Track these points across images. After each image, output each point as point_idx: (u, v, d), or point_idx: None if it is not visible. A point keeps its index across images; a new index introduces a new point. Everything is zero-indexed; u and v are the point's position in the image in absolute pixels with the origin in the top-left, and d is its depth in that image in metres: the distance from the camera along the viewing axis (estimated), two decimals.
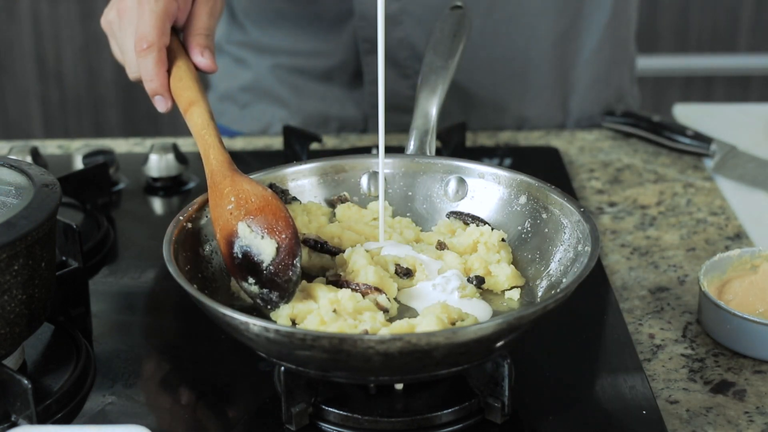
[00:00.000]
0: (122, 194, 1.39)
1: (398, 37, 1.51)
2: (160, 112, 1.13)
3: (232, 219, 1.00)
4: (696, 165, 1.47)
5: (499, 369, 0.93)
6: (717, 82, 3.16)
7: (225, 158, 1.04)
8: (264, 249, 0.98)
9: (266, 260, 0.97)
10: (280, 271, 0.96)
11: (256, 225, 0.98)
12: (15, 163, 1.02)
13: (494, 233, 1.06)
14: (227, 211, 1.00)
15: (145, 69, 1.11)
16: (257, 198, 1.00)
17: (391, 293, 0.99)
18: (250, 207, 0.99)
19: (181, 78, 1.11)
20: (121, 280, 1.19)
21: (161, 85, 1.11)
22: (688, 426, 0.97)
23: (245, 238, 0.98)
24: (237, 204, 1.00)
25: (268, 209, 0.99)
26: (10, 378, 0.93)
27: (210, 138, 1.06)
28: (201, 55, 1.13)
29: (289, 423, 0.93)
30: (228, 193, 1.01)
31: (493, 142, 1.54)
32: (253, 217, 0.99)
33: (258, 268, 0.97)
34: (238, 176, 1.02)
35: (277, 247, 0.97)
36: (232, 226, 0.99)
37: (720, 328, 1.07)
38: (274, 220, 0.98)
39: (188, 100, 1.09)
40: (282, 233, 0.98)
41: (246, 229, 0.99)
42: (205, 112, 1.08)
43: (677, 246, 1.27)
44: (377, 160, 1.14)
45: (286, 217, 0.99)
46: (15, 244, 0.91)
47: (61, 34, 3.07)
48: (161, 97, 1.12)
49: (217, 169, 1.03)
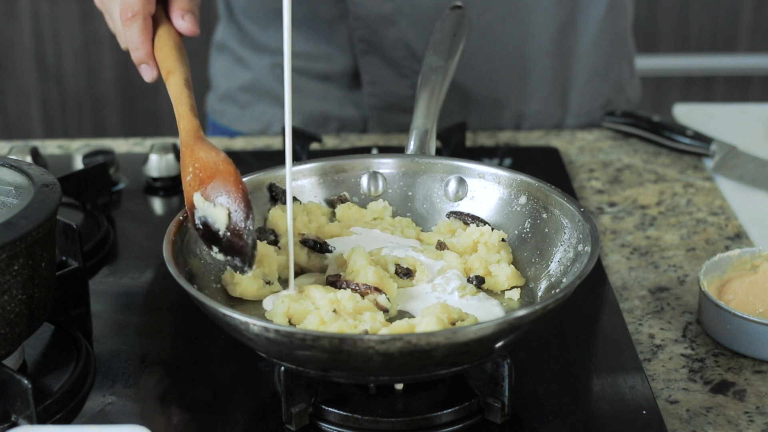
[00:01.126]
0: (122, 194, 1.39)
1: (394, 38, 1.51)
2: (147, 81, 1.13)
3: (190, 190, 1.00)
4: (696, 165, 1.47)
5: (499, 369, 0.93)
6: (717, 82, 3.17)
7: (192, 126, 1.04)
8: (217, 217, 0.98)
9: (221, 228, 0.97)
10: (235, 236, 0.97)
11: (209, 193, 0.98)
12: (15, 163, 1.02)
13: (494, 233, 1.06)
14: (187, 182, 1.00)
15: (130, 38, 1.11)
16: (209, 166, 1.00)
17: (391, 293, 0.99)
18: (203, 176, 0.99)
19: (161, 47, 1.11)
20: (121, 280, 1.19)
21: (146, 54, 1.11)
22: (688, 426, 0.97)
23: (201, 208, 0.99)
24: (194, 174, 1.00)
25: (219, 175, 0.99)
26: (10, 378, 0.93)
27: (181, 107, 1.06)
28: (182, 18, 1.12)
29: (289, 423, 0.93)
30: (188, 163, 1.01)
31: (493, 142, 1.54)
32: (205, 186, 0.99)
33: (217, 236, 0.98)
34: (198, 144, 1.02)
35: (228, 213, 0.97)
36: (190, 197, 1.00)
37: (720, 328, 1.07)
38: (223, 185, 0.98)
39: (167, 69, 1.10)
40: (231, 197, 0.98)
41: (200, 199, 0.99)
42: (180, 81, 1.08)
43: (677, 246, 1.27)
44: (377, 160, 1.14)
45: (235, 181, 0.98)
46: (15, 244, 0.91)
47: (61, 34, 3.07)
48: (147, 66, 1.12)
49: (183, 139, 1.03)
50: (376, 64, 1.52)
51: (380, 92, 1.55)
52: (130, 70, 3.06)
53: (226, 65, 1.65)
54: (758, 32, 3.11)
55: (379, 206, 1.12)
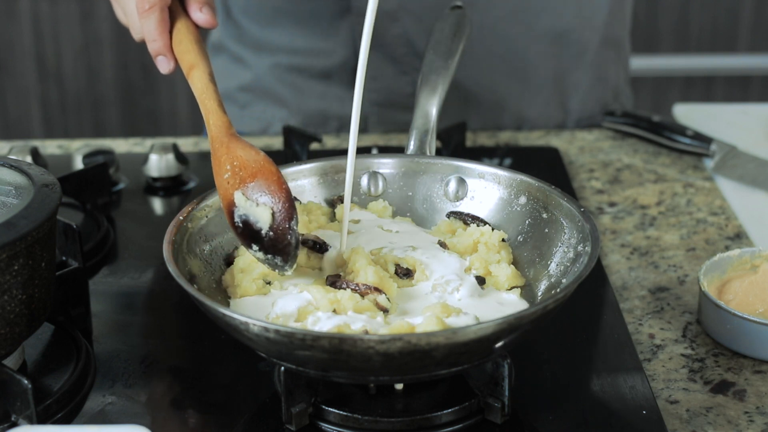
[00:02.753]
0: (122, 194, 1.39)
1: (396, 34, 1.51)
2: (163, 73, 1.13)
3: (229, 188, 1.00)
4: (696, 165, 1.47)
5: (499, 369, 0.93)
6: (717, 82, 3.16)
7: (223, 123, 1.04)
8: (260, 216, 0.98)
9: (264, 227, 0.98)
10: (278, 236, 0.97)
11: (251, 192, 0.99)
12: (15, 163, 1.02)
13: (494, 233, 1.06)
14: (225, 180, 1.00)
15: (147, 30, 1.10)
16: (250, 164, 1.00)
17: (391, 293, 0.99)
18: (244, 174, 1.00)
19: (181, 41, 1.10)
20: (121, 280, 1.19)
21: (164, 46, 1.11)
22: (688, 426, 0.97)
23: (242, 207, 0.99)
24: (232, 172, 1.00)
25: (261, 174, 0.99)
26: (10, 378, 0.93)
27: (209, 102, 1.06)
28: (200, 10, 1.12)
29: (289, 423, 0.93)
30: (224, 161, 1.01)
31: (493, 142, 1.54)
32: (247, 185, 0.99)
33: (258, 235, 0.98)
34: (234, 142, 1.02)
35: (272, 213, 0.98)
36: (230, 195, 1.00)
37: (720, 328, 1.07)
38: (266, 185, 0.99)
39: (189, 63, 1.09)
40: (275, 197, 0.98)
41: (241, 197, 0.99)
42: (204, 75, 1.07)
43: (677, 246, 1.27)
44: (377, 160, 1.14)
45: (279, 181, 0.99)
46: (15, 244, 0.91)
47: (61, 34, 3.07)
48: (164, 58, 1.11)
49: (215, 135, 1.03)
50: (377, 60, 1.53)
51: (381, 88, 1.55)
52: (130, 70, 3.06)
53: (224, 65, 1.65)
54: (758, 32, 3.11)
55: (379, 206, 1.12)
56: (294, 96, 1.59)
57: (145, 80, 3.08)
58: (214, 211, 1.05)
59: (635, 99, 1.71)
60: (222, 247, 1.05)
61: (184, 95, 3.09)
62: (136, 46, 3.41)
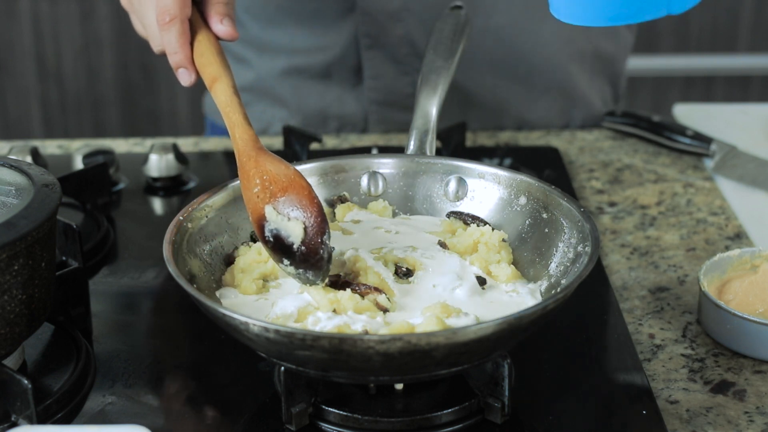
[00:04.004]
0: (122, 194, 1.39)
1: (399, 34, 1.51)
2: (184, 85, 1.12)
3: (259, 202, 1.00)
4: (696, 165, 1.47)
5: (499, 369, 0.93)
6: (717, 82, 3.16)
7: (249, 136, 1.04)
8: (292, 231, 0.98)
9: (296, 242, 0.98)
10: (310, 250, 0.97)
11: (282, 206, 0.99)
12: (15, 163, 1.02)
13: (495, 233, 1.06)
14: (254, 194, 1.00)
15: (168, 42, 1.10)
16: (280, 179, 1.00)
17: (391, 293, 0.99)
18: (274, 189, 1.00)
19: (202, 53, 1.10)
20: (121, 280, 1.19)
21: (185, 58, 1.10)
22: (688, 426, 0.97)
23: (273, 221, 0.99)
24: (262, 186, 1.00)
25: (292, 189, 0.99)
26: (10, 378, 0.93)
27: (234, 116, 1.05)
28: (220, 22, 1.11)
29: (289, 423, 0.93)
30: (253, 175, 1.01)
31: (493, 142, 1.54)
32: (277, 199, 0.99)
33: (290, 249, 0.98)
34: (262, 156, 1.02)
35: (304, 228, 0.98)
36: (260, 210, 1.00)
37: (720, 328, 1.07)
38: (298, 199, 0.99)
39: (211, 76, 1.08)
40: (307, 212, 0.98)
41: (272, 212, 0.99)
42: (228, 88, 1.07)
43: (677, 246, 1.27)
44: (377, 160, 1.14)
45: (310, 195, 0.99)
46: (15, 244, 0.91)
47: (61, 34, 3.07)
48: (185, 70, 1.11)
49: (242, 149, 1.03)
50: (379, 59, 1.53)
51: (381, 87, 1.55)
52: (130, 70, 3.06)
53: None
54: (758, 32, 3.11)
55: (379, 206, 1.12)
56: (294, 96, 1.59)
57: (145, 80, 3.08)
58: (214, 211, 1.05)
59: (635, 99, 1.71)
60: (222, 247, 1.05)
61: (184, 95, 3.09)
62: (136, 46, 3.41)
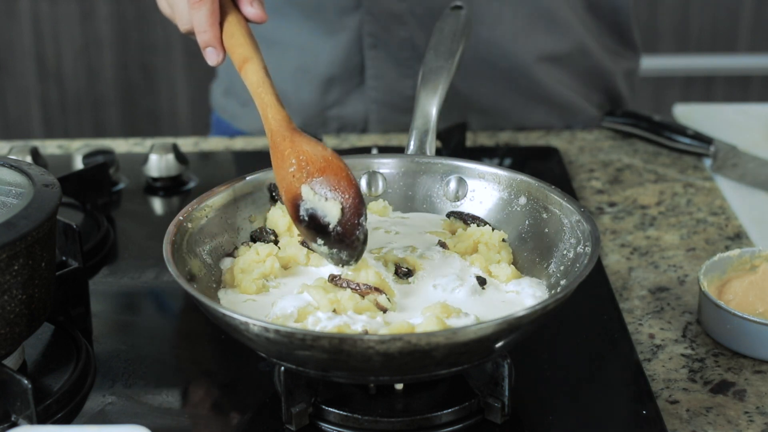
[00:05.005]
0: (122, 194, 1.39)
1: (402, 37, 1.51)
2: (211, 65, 1.13)
3: (294, 182, 1.00)
4: (696, 165, 1.47)
5: (499, 369, 0.93)
6: (717, 82, 3.16)
7: (283, 117, 1.04)
8: (329, 211, 0.98)
9: (332, 221, 0.98)
10: (346, 231, 0.97)
11: (319, 187, 0.99)
12: (15, 163, 1.02)
13: (495, 233, 1.06)
14: (289, 173, 1.00)
15: (198, 21, 1.10)
16: (318, 159, 1.00)
17: (391, 293, 0.99)
18: (311, 169, 1.00)
19: (233, 34, 1.10)
20: (121, 280, 1.19)
21: (214, 37, 1.10)
22: (688, 426, 0.97)
23: (309, 201, 0.99)
24: (298, 166, 1.00)
25: (330, 170, 0.99)
26: (10, 378, 0.93)
27: (267, 96, 1.06)
28: (251, 5, 1.11)
29: (289, 423, 0.93)
30: (288, 155, 1.01)
31: (493, 142, 1.54)
32: (315, 179, 0.99)
33: (325, 229, 0.98)
34: (297, 136, 1.02)
35: (341, 208, 0.98)
36: (295, 189, 1.00)
37: (720, 328, 1.07)
38: (336, 180, 0.99)
39: (242, 56, 1.09)
40: (345, 193, 0.98)
41: (309, 191, 0.99)
42: (260, 69, 1.08)
43: (677, 246, 1.27)
44: (377, 160, 1.14)
45: (348, 177, 0.99)
46: (15, 244, 0.91)
47: (61, 34, 3.07)
48: (213, 49, 1.11)
49: (276, 129, 1.03)
50: (382, 59, 1.53)
51: (383, 87, 1.55)
52: (130, 70, 3.06)
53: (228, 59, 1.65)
54: (758, 32, 3.11)
55: (379, 206, 1.12)
56: (295, 96, 1.59)
57: (145, 80, 3.08)
58: (214, 211, 1.05)
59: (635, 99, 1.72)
60: (222, 247, 1.05)
61: (184, 95, 3.09)
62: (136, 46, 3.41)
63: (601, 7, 1.57)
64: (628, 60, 1.65)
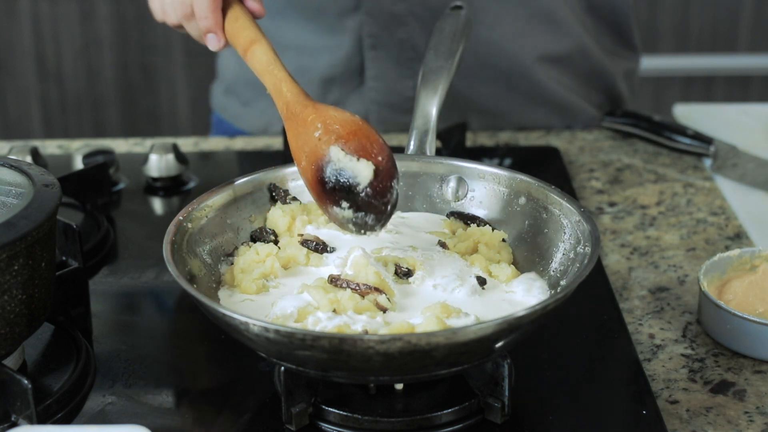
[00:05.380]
0: (122, 194, 1.39)
1: (402, 38, 1.51)
2: (212, 50, 1.13)
3: (321, 144, 1.00)
4: (696, 165, 1.47)
5: (499, 369, 0.93)
6: (717, 82, 3.16)
7: (299, 89, 1.05)
8: (360, 171, 0.98)
9: (363, 182, 0.98)
10: (378, 193, 0.97)
11: (350, 148, 0.99)
12: (15, 163, 1.02)
13: (495, 233, 1.06)
14: (314, 138, 1.00)
15: (200, 6, 1.11)
16: (347, 122, 1.00)
17: (391, 293, 0.99)
18: (341, 132, 1.00)
19: (237, 18, 1.11)
20: (121, 280, 1.19)
21: (215, 23, 1.12)
22: (688, 426, 0.97)
23: (339, 161, 0.99)
24: (325, 129, 1.00)
25: (361, 133, 1.00)
26: (10, 378, 0.93)
27: (279, 72, 1.07)
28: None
29: (289, 423, 0.93)
30: (313, 120, 1.01)
31: (493, 142, 1.54)
32: (345, 141, 0.99)
33: (353, 190, 0.98)
34: (321, 105, 1.03)
35: (374, 169, 0.98)
36: (322, 151, 1.00)
37: (720, 328, 1.07)
38: (368, 143, 0.99)
39: (248, 38, 1.09)
40: (378, 156, 0.98)
41: (339, 152, 0.99)
42: (269, 49, 1.08)
43: (677, 246, 1.27)
44: None
45: (380, 140, 0.99)
46: (15, 244, 0.91)
47: (61, 34, 3.07)
48: (214, 35, 1.12)
49: (293, 99, 1.04)
50: (382, 60, 1.53)
51: (383, 88, 1.55)
52: (130, 70, 3.06)
53: (231, 57, 1.65)
54: (758, 32, 3.11)
55: None
56: None
57: (145, 80, 3.08)
58: (214, 211, 1.05)
59: (635, 99, 1.72)
60: (222, 247, 1.05)
61: (184, 95, 3.09)
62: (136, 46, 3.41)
63: (601, 8, 1.58)
64: (627, 60, 1.65)
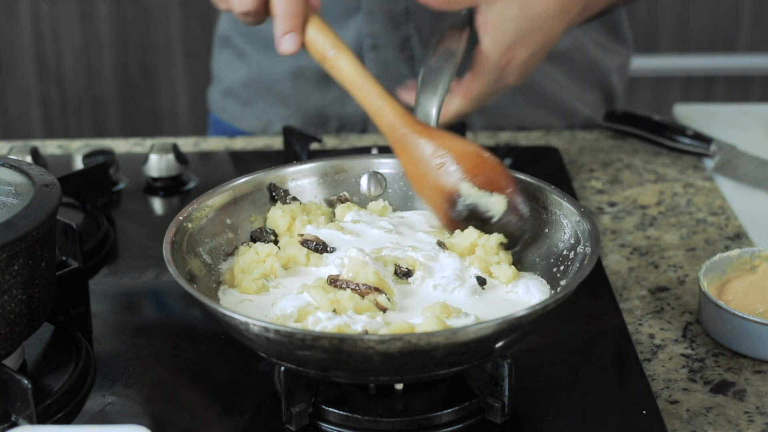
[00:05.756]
0: (122, 194, 1.39)
1: (402, 38, 1.51)
2: (282, 53, 1.10)
3: (448, 178, 1.03)
4: (696, 165, 1.47)
5: (499, 369, 0.93)
6: (717, 82, 3.17)
7: (401, 110, 1.06)
8: (494, 205, 1.02)
9: (497, 215, 1.02)
10: (511, 225, 1.02)
11: (479, 182, 1.02)
12: (15, 163, 1.02)
13: (492, 236, 1.06)
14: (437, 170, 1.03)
15: (281, 5, 1.08)
16: (468, 155, 1.03)
17: (390, 293, 0.99)
18: (467, 165, 1.03)
19: (316, 22, 1.09)
20: (121, 280, 1.19)
21: (298, 23, 1.08)
22: (688, 426, 0.97)
23: (470, 197, 1.02)
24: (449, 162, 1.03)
25: (486, 165, 1.03)
26: (10, 378, 0.93)
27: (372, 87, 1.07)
28: None
29: (289, 423, 0.93)
30: (434, 150, 1.04)
31: (493, 142, 1.54)
32: (473, 176, 1.02)
33: (488, 221, 1.02)
34: (435, 132, 1.04)
35: (507, 202, 1.02)
36: (449, 186, 1.03)
37: (720, 328, 1.07)
38: (494, 175, 1.02)
39: (329, 44, 1.08)
40: (507, 188, 1.02)
41: (469, 187, 1.02)
42: (353, 60, 1.08)
43: (677, 246, 1.27)
44: (377, 160, 1.14)
45: (505, 171, 1.02)
46: (15, 244, 0.91)
47: (61, 34, 3.07)
48: (293, 35, 1.08)
49: (399, 122, 1.05)
50: (381, 61, 1.53)
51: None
52: (130, 70, 3.07)
53: (228, 59, 1.65)
54: (758, 32, 3.12)
55: (379, 206, 1.12)
56: (295, 95, 1.59)
57: (145, 80, 3.08)
58: (214, 211, 1.05)
59: (635, 99, 1.72)
60: (222, 247, 1.05)
61: (184, 95, 3.09)
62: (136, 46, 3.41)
63: None
64: (620, 55, 1.65)
